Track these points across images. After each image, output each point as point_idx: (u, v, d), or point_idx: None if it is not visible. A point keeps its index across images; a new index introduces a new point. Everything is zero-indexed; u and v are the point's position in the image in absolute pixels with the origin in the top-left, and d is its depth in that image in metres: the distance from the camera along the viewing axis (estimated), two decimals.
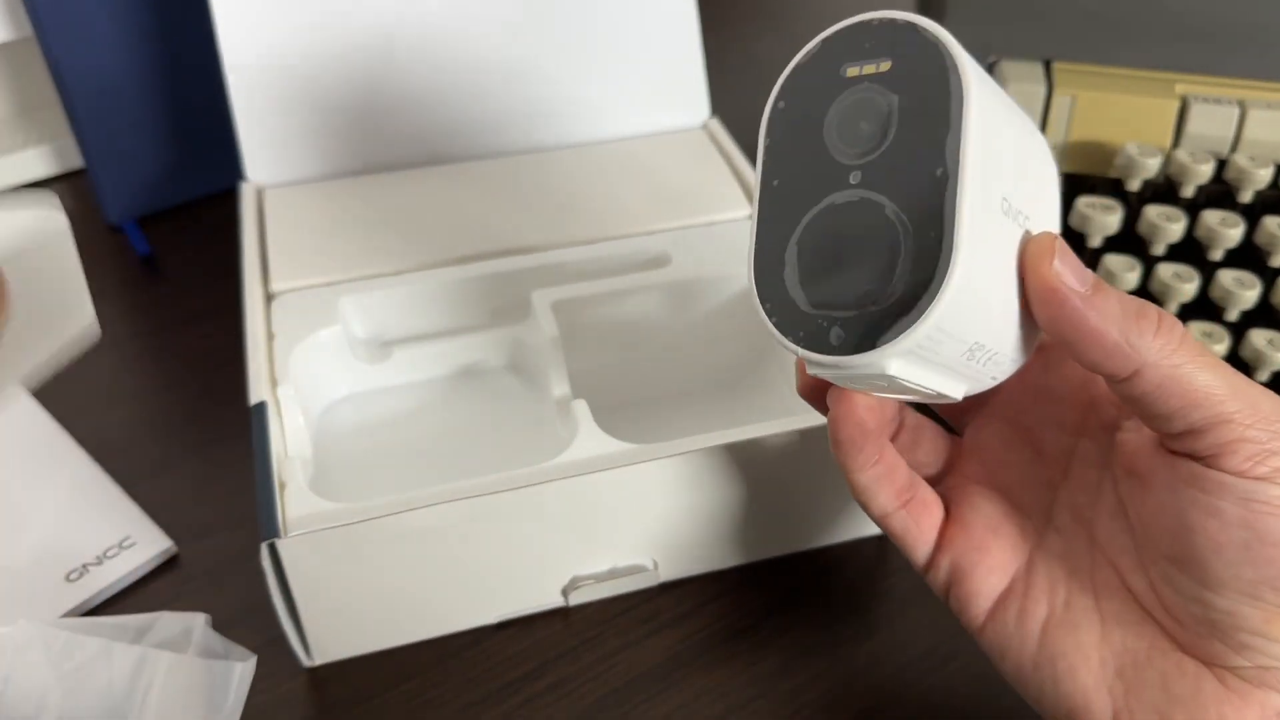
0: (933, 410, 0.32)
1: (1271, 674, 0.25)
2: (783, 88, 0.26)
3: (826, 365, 0.24)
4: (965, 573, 0.29)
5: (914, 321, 0.22)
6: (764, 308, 0.25)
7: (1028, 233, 0.25)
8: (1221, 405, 0.24)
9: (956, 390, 0.25)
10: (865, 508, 0.29)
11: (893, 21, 0.24)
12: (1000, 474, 0.30)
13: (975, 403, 0.31)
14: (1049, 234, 0.25)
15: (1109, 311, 0.24)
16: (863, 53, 0.24)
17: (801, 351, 0.24)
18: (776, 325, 0.24)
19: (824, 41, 0.25)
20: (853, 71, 0.24)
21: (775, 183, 0.25)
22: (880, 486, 0.28)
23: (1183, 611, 0.26)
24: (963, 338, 0.23)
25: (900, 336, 0.22)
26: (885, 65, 0.24)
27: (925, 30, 0.23)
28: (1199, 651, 0.26)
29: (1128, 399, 0.25)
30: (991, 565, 0.29)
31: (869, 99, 0.24)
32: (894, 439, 0.31)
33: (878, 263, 0.23)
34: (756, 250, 0.25)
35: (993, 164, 0.23)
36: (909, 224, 0.23)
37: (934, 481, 0.31)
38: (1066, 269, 0.24)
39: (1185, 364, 0.25)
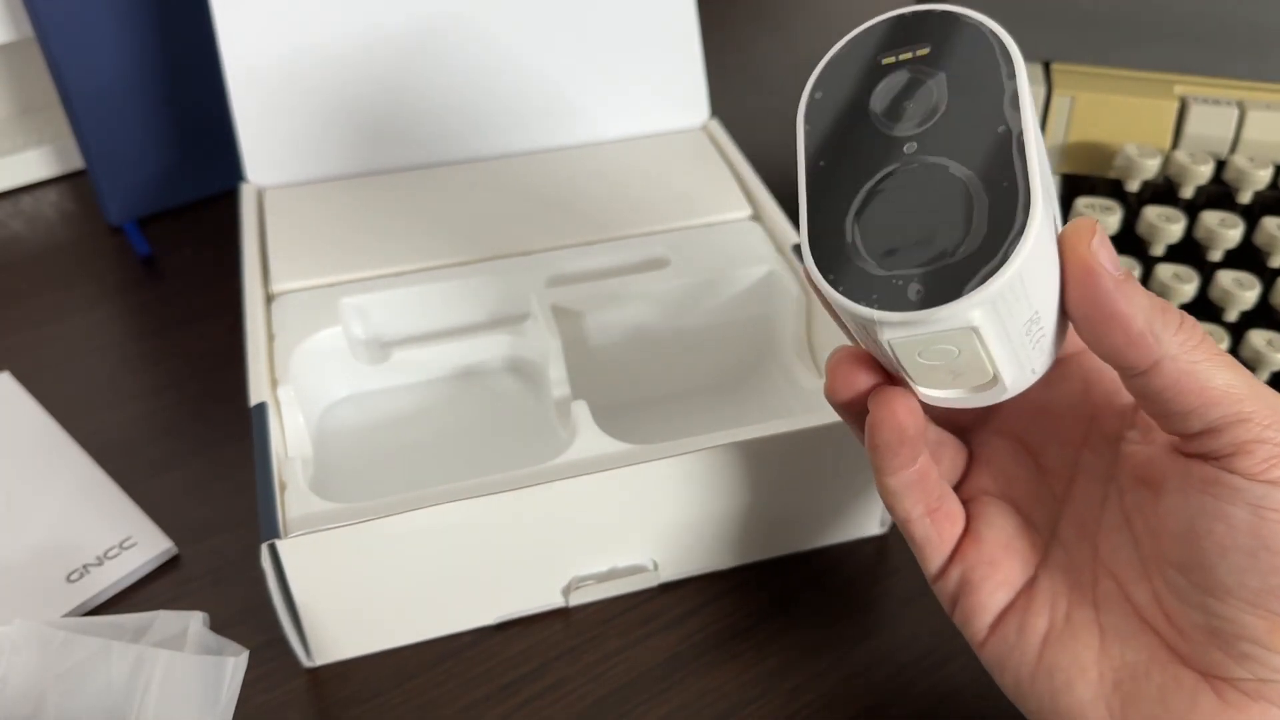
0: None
1: (1270, 687, 0.25)
2: (818, 80, 0.26)
3: (905, 324, 0.23)
4: (974, 586, 0.29)
5: (999, 266, 0.22)
6: (828, 279, 0.24)
7: (1055, 217, 0.25)
8: (1241, 404, 0.24)
9: (1010, 373, 0.25)
10: (891, 510, 0.29)
11: (929, 12, 0.25)
12: (1009, 487, 0.30)
13: (979, 421, 0.32)
14: (1090, 218, 0.25)
15: (1137, 299, 0.24)
16: (897, 43, 0.25)
17: (878, 314, 0.23)
18: (845, 293, 0.24)
19: (857, 36, 0.26)
20: (889, 60, 0.25)
21: (821, 164, 0.25)
22: (909, 491, 0.28)
23: (1185, 620, 0.26)
24: (1030, 299, 0.23)
25: (987, 281, 0.22)
26: (923, 50, 0.25)
27: (966, 16, 0.25)
28: (1199, 662, 0.26)
29: (1144, 395, 0.25)
30: (999, 581, 0.29)
31: (914, 78, 0.25)
32: None
33: (950, 218, 0.23)
34: (810, 228, 0.25)
35: (1039, 129, 0.24)
36: (978, 179, 0.23)
37: None
38: (1103, 251, 0.24)
39: (1203, 361, 0.24)
